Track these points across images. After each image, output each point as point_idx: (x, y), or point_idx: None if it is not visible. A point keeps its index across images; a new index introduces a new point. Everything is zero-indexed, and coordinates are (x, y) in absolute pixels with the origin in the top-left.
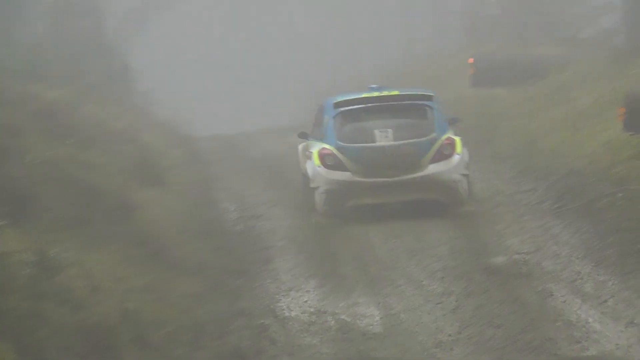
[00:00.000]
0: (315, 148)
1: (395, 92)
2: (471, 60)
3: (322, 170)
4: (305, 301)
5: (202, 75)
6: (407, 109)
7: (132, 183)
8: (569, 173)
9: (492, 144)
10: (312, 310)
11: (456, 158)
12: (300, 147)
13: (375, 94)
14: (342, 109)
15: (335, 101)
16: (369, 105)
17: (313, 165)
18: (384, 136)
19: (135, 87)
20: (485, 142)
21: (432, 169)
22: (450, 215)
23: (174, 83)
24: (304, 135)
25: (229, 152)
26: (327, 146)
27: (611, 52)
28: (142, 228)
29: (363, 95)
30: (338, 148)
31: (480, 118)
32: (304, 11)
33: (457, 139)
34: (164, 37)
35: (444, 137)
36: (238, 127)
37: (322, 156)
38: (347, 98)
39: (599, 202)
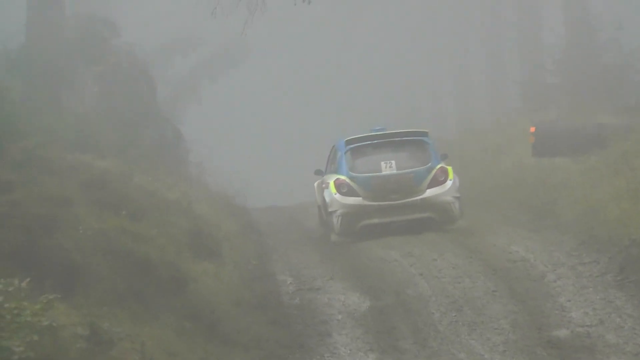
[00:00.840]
0: (332, 179)
1: (396, 131)
2: (532, 128)
3: (338, 196)
4: None
5: (258, 143)
6: (407, 143)
7: (186, 255)
8: (632, 244)
9: (553, 215)
10: None
11: (449, 183)
12: (315, 184)
13: (380, 132)
14: (353, 145)
15: (346, 139)
16: (375, 141)
17: (330, 193)
18: (388, 166)
19: (188, 157)
20: (546, 213)
21: (430, 192)
22: (510, 288)
23: (228, 152)
24: (319, 172)
25: (285, 224)
26: (341, 177)
27: None
28: (196, 301)
29: (369, 134)
30: (350, 178)
31: (541, 188)
32: (361, 79)
33: (449, 168)
34: (217, 105)
35: (438, 166)
36: (295, 197)
37: (338, 185)
38: (356, 136)
39: None
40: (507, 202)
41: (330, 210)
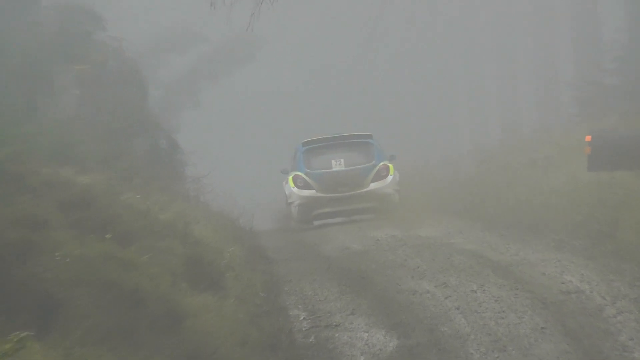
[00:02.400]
0: (291, 175)
1: (345, 134)
2: (588, 137)
3: (296, 190)
4: None
5: (265, 154)
6: (354, 144)
7: (183, 286)
8: None
9: (613, 239)
10: None
11: (390, 178)
12: (284, 181)
13: (332, 135)
14: (309, 146)
15: (303, 141)
16: (327, 143)
17: (289, 187)
18: (338, 164)
19: (184, 170)
20: (605, 237)
21: (373, 186)
22: (563, 325)
23: (231, 165)
24: (285, 171)
25: (297, 249)
26: (298, 173)
27: None
28: (195, 339)
29: (322, 137)
30: (306, 174)
31: (598, 208)
32: (389, 79)
33: (391, 165)
34: (218, 111)
35: (381, 163)
36: None
37: (295, 180)
38: (312, 139)
39: None
40: (559, 224)
41: (289, 201)
